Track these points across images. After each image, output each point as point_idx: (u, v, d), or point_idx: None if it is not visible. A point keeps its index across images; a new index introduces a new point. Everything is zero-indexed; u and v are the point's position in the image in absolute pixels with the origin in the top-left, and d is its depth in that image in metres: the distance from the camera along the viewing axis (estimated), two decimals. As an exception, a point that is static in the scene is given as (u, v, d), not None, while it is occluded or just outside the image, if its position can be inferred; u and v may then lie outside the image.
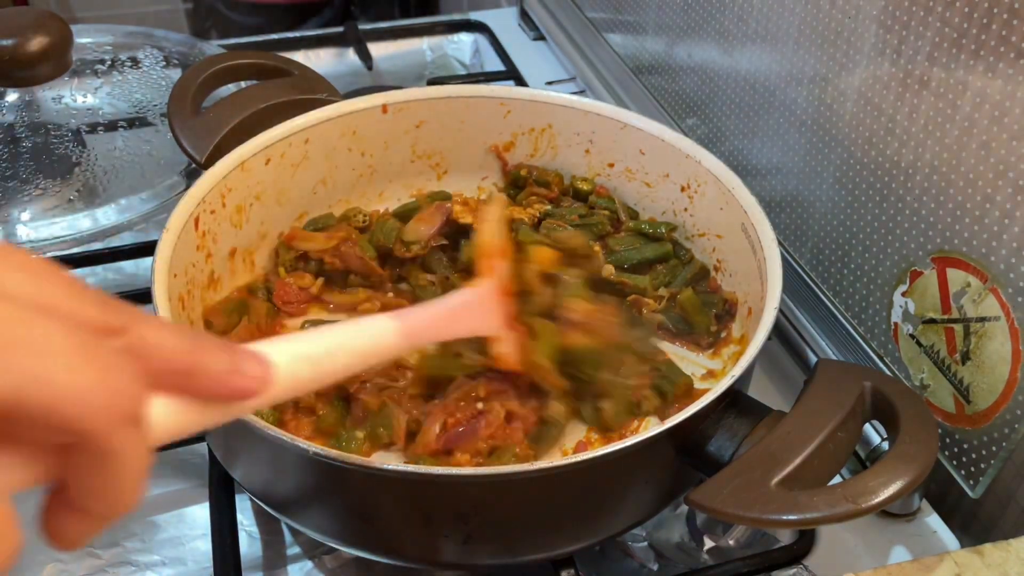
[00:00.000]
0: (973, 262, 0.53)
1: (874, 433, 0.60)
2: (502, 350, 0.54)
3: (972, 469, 0.55)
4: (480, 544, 0.49)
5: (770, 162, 0.72)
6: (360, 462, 0.44)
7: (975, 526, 0.60)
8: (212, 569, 0.54)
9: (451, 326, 0.49)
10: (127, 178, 0.75)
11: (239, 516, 0.57)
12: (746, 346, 0.52)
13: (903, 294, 0.59)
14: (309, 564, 0.58)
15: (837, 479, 0.47)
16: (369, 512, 0.49)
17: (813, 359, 0.66)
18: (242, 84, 0.78)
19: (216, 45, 0.91)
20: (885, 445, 0.59)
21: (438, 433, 0.54)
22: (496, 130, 0.74)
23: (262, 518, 0.60)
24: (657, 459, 0.49)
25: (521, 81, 1.02)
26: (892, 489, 0.44)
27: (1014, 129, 0.49)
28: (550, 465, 0.44)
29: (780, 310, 0.54)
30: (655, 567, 0.58)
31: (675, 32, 0.83)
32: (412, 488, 0.46)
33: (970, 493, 0.55)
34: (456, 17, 1.16)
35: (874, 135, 0.59)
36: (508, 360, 0.54)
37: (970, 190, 0.52)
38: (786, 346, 0.70)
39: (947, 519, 0.60)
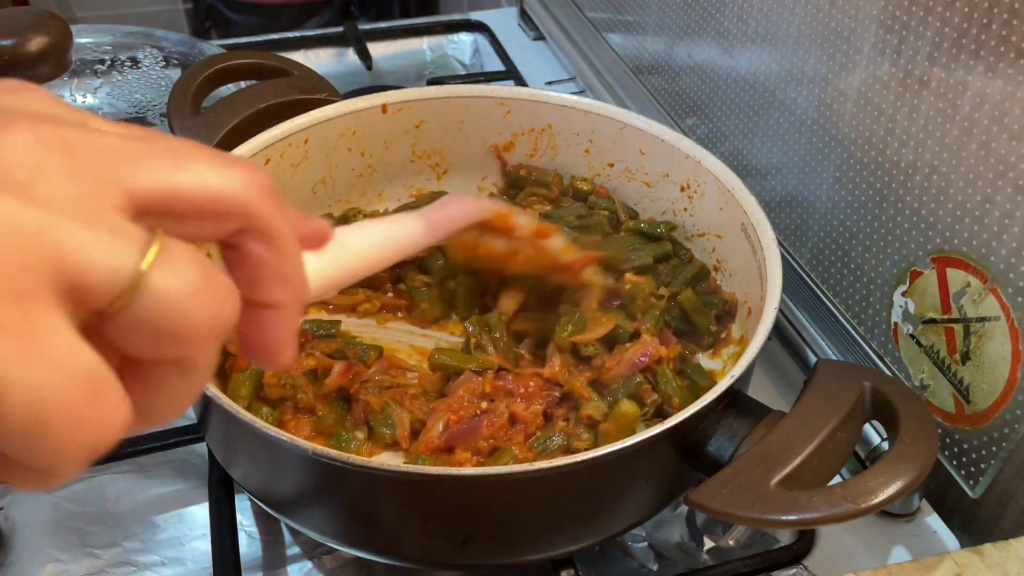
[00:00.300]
0: (973, 262, 0.53)
1: (874, 433, 0.60)
2: (519, 220, 0.59)
3: (972, 469, 0.55)
4: (480, 544, 0.49)
5: (770, 162, 0.71)
6: (360, 462, 0.44)
7: (975, 526, 0.60)
8: (212, 569, 0.54)
9: (466, 212, 0.55)
10: (127, 178, 0.75)
11: (239, 516, 0.57)
12: (746, 346, 0.52)
13: (903, 294, 0.59)
14: (309, 564, 0.58)
15: (837, 479, 0.47)
16: (369, 512, 0.49)
17: (813, 359, 0.66)
18: (242, 84, 0.78)
19: (216, 45, 0.91)
20: (885, 445, 0.59)
21: (441, 431, 0.54)
22: (496, 130, 0.74)
23: (262, 518, 0.60)
24: (657, 459, 0.49)
25: (521, 81, 1.02)
26: (892, 489, 0.44)
27: (1014, 129, 0.49)
28: (550, 465, 0.44)
29: (780, 310, 0.54)
30: (655, 567, 0.58)
31: (675, 32, 0.83)
32: (412, 488, 0.46)
33: (970, 493, 0.55)
34: (456, 17, 1.16)
35: (874, 135, 0.59)
36: (526, 226, 0.59)
37: (970, 190, 0.52)
38: (786, 346, 0.70)
39: (947, 519, 0.60)
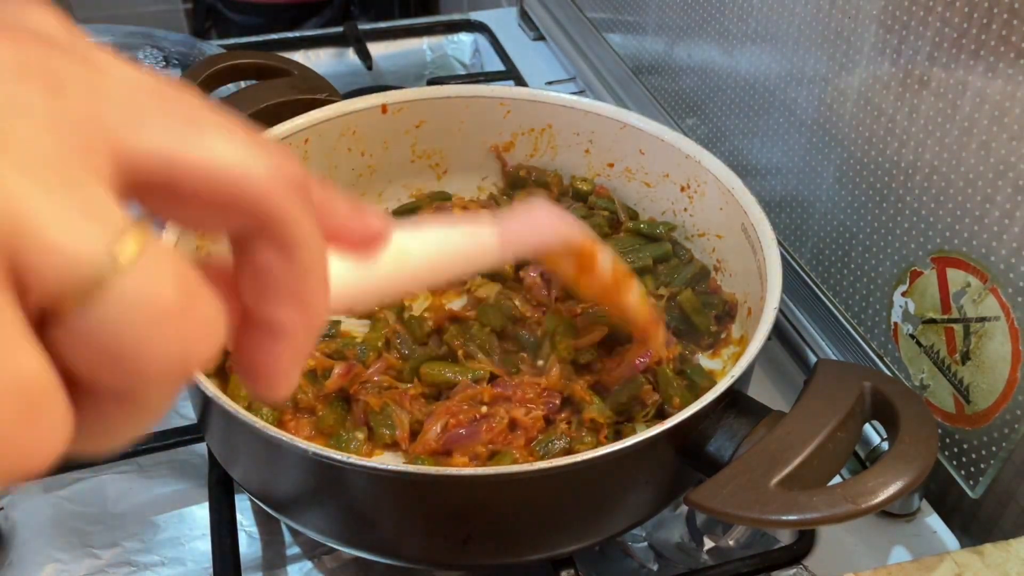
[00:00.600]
0: (973, 262, 0.53)
1: (874, 433, 0.60)
2: (603, 260, 0.50)
3: (972, 469, 0.55)
4: (480, 544, 0.49)
5: (770, 162, 0.71)
6: (360, 462, 0.44)
7: (975, 526, 0.60)
8: (212, 569, 0.54)
9: (552, 233, 0.46)
10: (127, 178, 0.75)
11: (239, 516, 0.57)
12: (746, 346, 0.52)
13: (903, 294, 0.59)
14: (309, 564, 0.58)
15: (837, 479, 0.47)
16: (369, 512, 0.49)
17: (813, 359, 0.66)
18: (242, 84, 0.78)
19: (216, 45, 0.91)
20: (885, 445, 0.59)
21: (439, 433, 0.54)
22: (496, 130, 0.74)
23: (262, 518, 0.60)
24: (657, 459, 0.49)
25: (521, 81, 1.02)
26: (892, 489, 0.44)
27: (1014, 129, 0.48)
28: (550, 465, 0.44)
29: (780, 310, 0.54)
30: (655, 567, 0.58)
31: (675, 32, 0.83)
32: (412, 488, 0.46)
33: (970, 493, 0.55)
34: (456, 17, 1.16)
35: (874, 135, 0.59)
36: (608, 269, 0.51)
37: (970, 190, 0.52)
38: (786, 346, 0.70)
39: (947, 519, 0.60)
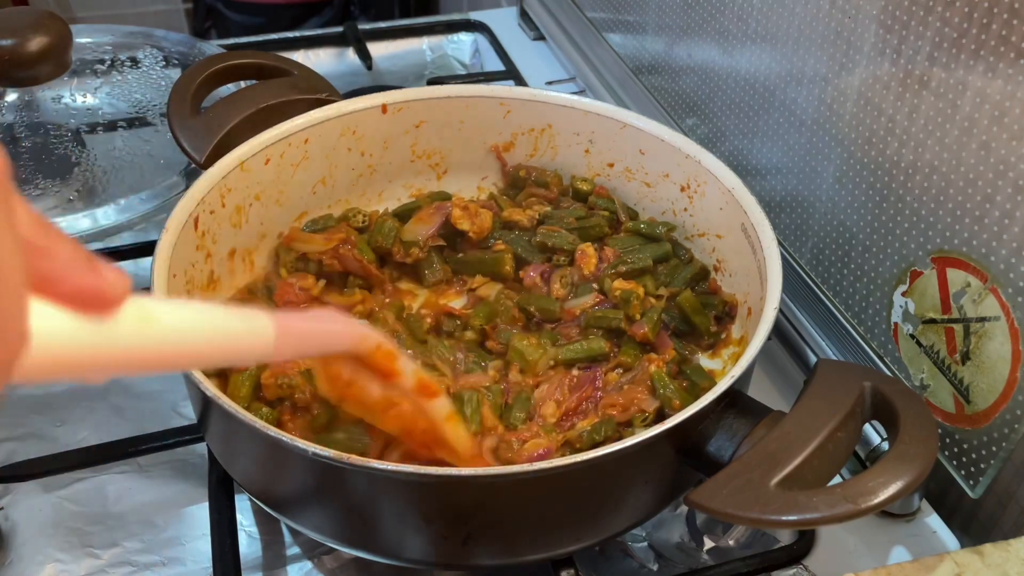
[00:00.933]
0: (973, 262, 0.53)
1: (874, 433, 0.60)
2: (403, 366, 0.46)
3: (972, 469, 0.55)
4: (480, 544, 0.49)
5: (770, 162, 0.71)
6: (360, 462, 0.44)
7: (975, 526, 0.60)
8: (212, 569, 0.54)
9: (336, 336, 0.43)
10: (127, 178, 0.75)
11: (239, 516, 0.57)
12: (746, 347, 0.52)
13: (903, 294, 0.59)
14: (308, 564, 0.58)
15: (837, 479, 0.47)
16: (369, 512, 0.49)
17: (813, 359, 0.66)
18: (242, 84, 0.78)
19: (216, 45, 0.91)
20: (885, 445, 0.59)
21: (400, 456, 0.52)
22: (496, 130, 0.74)
23: (262, 518, 0.60)
24: (657, 459, 0.49)
25: (521, 81, 1.02)
26: (892, 489, 0.44)
27: (1014, 129, 0.49)
28: (550, 465, 0.44)
29: (780, 310, 0.54)
30: (655, 567, 0.58)
31: (675, 32, 0.83)
32: (412, 488, 0.46)
33: (970, 493, 0.55)
34: (456, 17, 1.16)
35: (874, 135, 0.59)
36: (410, 375, 0.46)
37: (970, 190, 0.52)
38: (786, 346, 0.70)
39: (947, 519, 0.60)
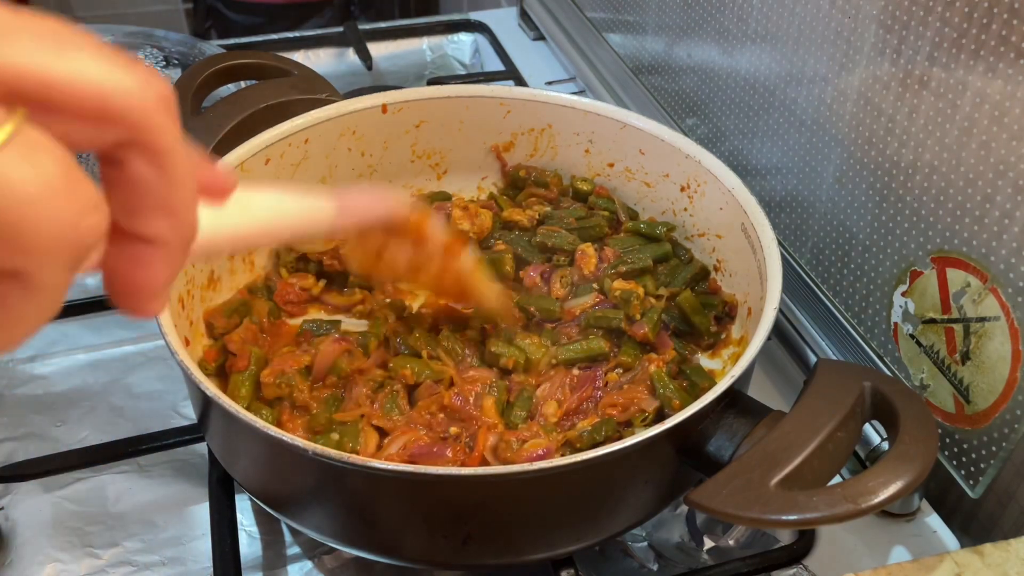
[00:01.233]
0: (973, 262, 0.53)
1: (874, 433, 0.60)
2: (434, 230, 0.56)
3: (972, 469, 0.55)
4: (480, 544, 0.49)
5: (770, 162, 0.71)
6: (360, 462, 0.44)
7: (975, 526, 0.60)
8: (212, 569, 0.54)
9: (382, 205, 0.52)
10: (127, 178, 0.75)
11: (239, 516, 0.57)
12: (746, 346, 0.52)
13: (903, 294, 0.59)
14: (309, 564, 0.58)
15: (837, 479, 0.47)
16: (369, 512, 0.49)
17: (813, 359, 0.66)
18: (242, 84, 0.78)
19: (216, 45, 0.91)
20: (885, 445, 0.59)
21: (400, 449, 0.53)
22: (496, 130, 0.74)
23: (262, 518, 0.60)
24: (657, 459, 0.49)
25: (521, 81, 1.02)
26: (892, 489, 0.44)
27: (1014, 129, 0.49)
28: (550, 465, 0.44)
29: (780, 310, 0.54)
30: (655, 567, 0.58)
31: (675, 32, 0.83)
32: (412, 488, 0.46)
33: (970, 493, 0.55)
34: (456, 17, 1.16)
35: (874, 135, 0.59)
36: (439, 237, 0.56)
37: (970, 190, 0.52)
38: (786, 346, 0.70)
39: (947, 519, 0.60)
